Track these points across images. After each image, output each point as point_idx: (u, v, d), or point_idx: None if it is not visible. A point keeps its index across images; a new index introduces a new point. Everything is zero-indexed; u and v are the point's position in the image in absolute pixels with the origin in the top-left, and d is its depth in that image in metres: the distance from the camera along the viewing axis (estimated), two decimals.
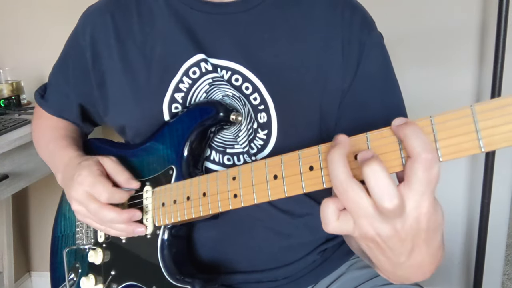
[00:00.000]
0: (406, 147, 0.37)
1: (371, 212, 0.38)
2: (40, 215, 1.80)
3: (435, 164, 0.36)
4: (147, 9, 0.69)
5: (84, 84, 0.73)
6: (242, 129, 0.64)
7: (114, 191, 0.61)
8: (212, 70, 0.65)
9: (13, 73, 1.51)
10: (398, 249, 0.42)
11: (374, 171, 0.36)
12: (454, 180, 1.41)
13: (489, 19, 1.26)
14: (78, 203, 0.63)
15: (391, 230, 0.40)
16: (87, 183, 0.61)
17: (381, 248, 0.42)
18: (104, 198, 0.60)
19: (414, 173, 0.37)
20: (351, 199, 0.38)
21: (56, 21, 1.53)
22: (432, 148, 0.36)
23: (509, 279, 1.78)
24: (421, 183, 0.37)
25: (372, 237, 0.41)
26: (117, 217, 0.61)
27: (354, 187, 0.38)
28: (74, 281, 0.73)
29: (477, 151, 0.36)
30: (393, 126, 0.39)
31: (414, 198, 0.38)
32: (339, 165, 0.38)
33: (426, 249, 0.43)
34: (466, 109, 0.36)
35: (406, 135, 0.37)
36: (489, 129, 0.35)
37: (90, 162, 0.64)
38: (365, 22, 0.67)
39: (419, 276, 0.49)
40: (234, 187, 0.52)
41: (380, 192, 0.36)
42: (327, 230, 0.41)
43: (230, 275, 0.69)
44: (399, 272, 0.47)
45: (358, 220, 0.40)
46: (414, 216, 0.39)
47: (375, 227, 0.40)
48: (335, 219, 0.41)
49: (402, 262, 0.44)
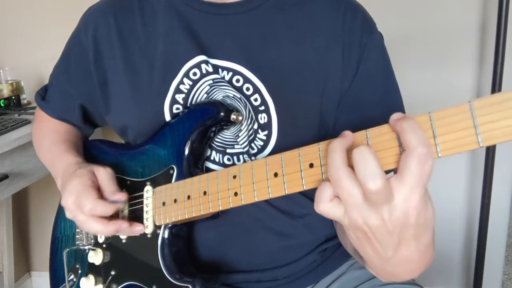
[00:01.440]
0: (402, 141, 0.38)
1: (360, 200, 0.40)
2: (40, 215, 1.80)
3: (429, 159, 0.37)
4: (149, 9, 0.69)
5: (86, 84, 0.73)
6: (243, 129, 0.64)
7: (97, 203, 0.60)
8: (213, 72, 0.65)
9: (13, 73, 1.51)
10: (385, 242, 0.42)
11: (362, 154, 0.38)
12: (454, 179, 1.41)
13: (489, 19, 1.27)
14: (68, 211, 0.63)
15: (378, 219, 0.40)
16: (75, 193, 0.61)
17: (369, 239, 0.43)
18: (87, 209, 0.60)
19: (407, 166, 0.37)
20: (343, 187, 0.39)
21: (56, 21, 1.53)
22: (427, 143, 0.37)
23: (509, 279, 1.78)
24: (413, 176, 0.37)
25: (360, 226, 0.42)
26: (103, 229, 0.60)
27: (347, 174, 0.39)
28: (74, 282, 0.73)
29: (475, 146, 0.36)
30: (391, 120, 0.39)
31: (403, 191, 0.38)
32: (337, 154, 0.40)
33: (415, 245, 0.43)
34: (465, 105, 0.36)
35: (403, 129, 0.37)
36: (487, 124, 0.35)
37: (83, 172, 0.64)
38: (366, 24, 0.67)
39: (407, 274, 0.49)
40: (235, 185, 0.52)
41: (365, 174, 0.38)
42: (317, 209, 0.43)
43: (230, 274, 0.69)
44: (387, 268, 0.48)
45: (348, 208, 0.41)
46: (402, 209, 0.39)
47: (363, 215, 0.41)
48: (327, 200, 0.42)
49: (389, 256, 0.44)
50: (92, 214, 0.60)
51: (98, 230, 0.61)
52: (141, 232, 0.63)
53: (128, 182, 0.69)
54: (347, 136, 0.41)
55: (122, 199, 0.63)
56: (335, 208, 0.42)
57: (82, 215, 0.61)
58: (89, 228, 0.61)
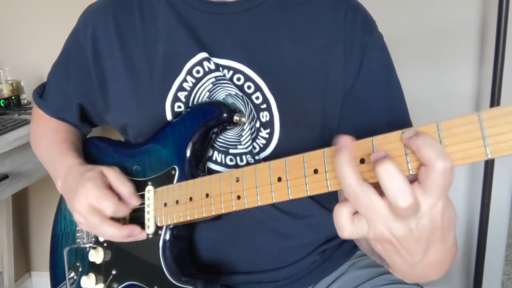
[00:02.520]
0: (420, 158, 0.37)
1: (385, 213, 0.38)
2: (40, 215, 1.80)
3: (452, 171, 0.36)
4: (149, 8, 0.69)
5: (85, 83, 0.73)
6: (245, 128, 0.64)
7: (120, 205, 0.62)
8: (215, 69, 0.65)
9: (13, 73, 1.51)
10: (413, 249, 0.42)
11: (388, 170, 0.36)
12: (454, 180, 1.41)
13: (489, 19, 1.27)
14: (80, 215, 0.63)
15: (405, 230, 0.39)
16: (91, 196, 0.61)
17: (396, 248, 0.42)
18: (110, 212, 0.61)
19: (430, 180, 0.36)
20: (363, 203, 0.38)
21: (56, 21, 1.53)
22: (446, 156, 0.36)
23: (509, 279, 1.78)
24: (438, 188, 0.37)
25: (388, 238, 0.41)
26: (117, 233, 0.61)
27: (365, 190, 0.38)
28: (75, 280, 0.73)
29: (483, 157, 0.35)
30: (404, 139, 0.38)
31: (429, 201, 0.38)
32: (348, 170, 0.38)
33: (442, 246, 0.43)
34: (473, 116, 0.36)
35: (418, 146, 0.36)
36: (495, 136, 0.35)
37: (94, 174, 0.64)
38: (367, 24, 0.67)
39: (434, 275, 0.49)
40: (238, 189, 0.52)
41: (394, 191, 0.36)
42: (343, 237, 0.41)
43: (231, 275, 0.69)
44: (415, 272, 0.47)
45: (372, 222, 0.40)
46: (428, 217, 0.39)
47: (390, 227, 0.40)
48: (349, 224, 0.40)
49: (417, 261, 0.44)
50: (109, 217, 0.61)
51: (112, 234, 0.61)
52: (143, 238, 0.64)
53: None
54: (347, 145, 0.39)
55: (137, 204, 0.64)
56: (359, 228, 0.41)
57: (97, 219, 0.61)
58: (102, 232, 0.62)
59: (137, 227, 0.62)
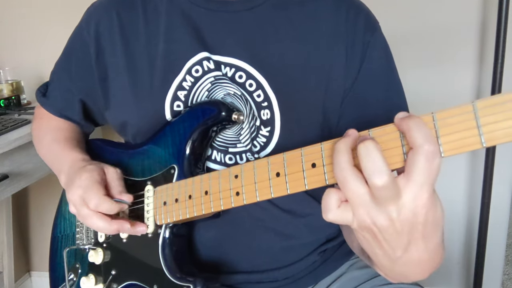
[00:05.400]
0: (408, 140, 0.37)
1: (367, 199, 0.39)
2: (40, 215, 1.80)
3: (436, 156, 0.37)
4: (152, 7, 0.70)
5: (87, 79, 0.73)
6: (244, 127, 0.64)
7: (103, 200, 0.61)
8: (215, 69, 0.65)
9: (13, 73, 1.51)
10: (394, 241, 0.42)
11: (368, 148, 0.37)
12: (454, 180, 1.41)
13: (489, 19, 1.27)
14: (72, 205, 0.64)
15: (386, 219, 0.40)
16: (82, 187, 0.62)
17: (378, 239, 0.43)
18: (93, 204, 0.60)
19: (415, 164, 0.37)
20: (349, 187, 0.39)
21: (56, 21, 1.53)
22: (434, 140, 0.37)
23: (509, 279, 1.78)
24: (421, 174, 0.37)
25: (369, 226, 0.41)
26: (107, 226, 0.61)
27: (353, 174, 0.39)
28: (74, 281, 0.73)
29: (478, 146, 0.36)
30: (396, 119, 0.39)
31: (412, 189, 0.38)
32: (343, 154, 0.40)
33: (424, 245, 0.43)
34: (468, 105, 0.36)
35: (409, 127, 0.37)
36: (490, 124, 0.35)
37: (94, 167, 0.65)
38: (369, 23, 0.67)
39: (417, 275, 0.49)
40: (236, 185, 0.52)
41: (370, 168, 0.37)
42: (326, 218, 0.42)
43: (230, 275, 0.69)
44: (396, 269, 0.47)
45: (356, 209, 0.41)
46: (410, 208, 0.39)
47: (371, 215, 0.40)
48: (335, 207, 0.42)
49: (398, 256, 0.44)
50: (96, 211, 0.61)
51: (100, 226, 0.61)
52: (143, 232, 0.64)
53: (129, 182, 0.69)
54: (351, 135, 0.41)
55: (128, 201, 0.64)
56: (344, 213, 0.41)
57: (86, 210, 0.61)
58: (91, 223, 0.62)
59: (127, 222, 0.62)
